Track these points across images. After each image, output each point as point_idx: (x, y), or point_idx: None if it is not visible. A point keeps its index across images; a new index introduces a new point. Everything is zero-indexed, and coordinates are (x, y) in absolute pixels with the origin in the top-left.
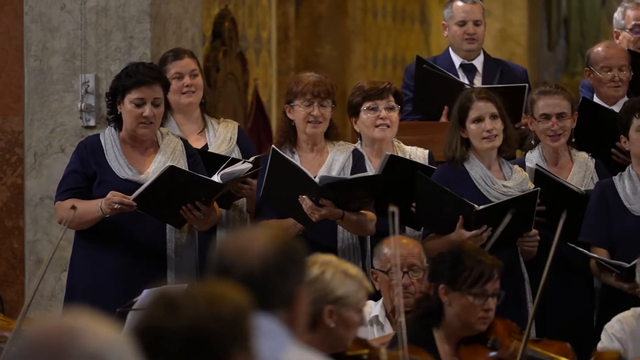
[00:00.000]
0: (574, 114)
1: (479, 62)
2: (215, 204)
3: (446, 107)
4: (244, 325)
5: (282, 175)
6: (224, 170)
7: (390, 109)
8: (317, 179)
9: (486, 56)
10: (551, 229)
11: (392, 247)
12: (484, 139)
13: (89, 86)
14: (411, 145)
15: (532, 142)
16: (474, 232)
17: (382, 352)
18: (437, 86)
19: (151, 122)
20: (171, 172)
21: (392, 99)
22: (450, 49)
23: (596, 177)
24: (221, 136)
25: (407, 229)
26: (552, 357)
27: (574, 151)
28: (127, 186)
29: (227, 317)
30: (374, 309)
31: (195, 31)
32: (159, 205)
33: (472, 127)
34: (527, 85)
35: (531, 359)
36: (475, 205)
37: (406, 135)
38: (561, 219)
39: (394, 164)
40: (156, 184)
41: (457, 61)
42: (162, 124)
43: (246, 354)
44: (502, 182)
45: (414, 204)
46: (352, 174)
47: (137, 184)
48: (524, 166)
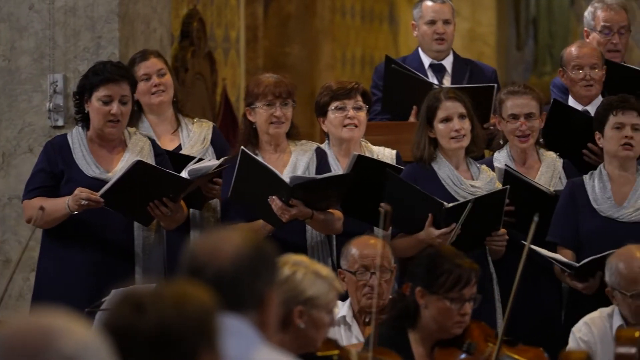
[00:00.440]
0: (542, 114)
1: (448, 62)
2: (183, 202)
3: (415, 107)
4: (210, 324)
5: (251, 176)
6: (191, 166)
7: (358, 109)
8: (288, 179)
9: (455, 56)
10: (520, 229)
11: (362, 249)
12: (452, 138)
13: (57, 86)
14: (379, 145)
15: (501, 142)
16: (442, 230)
17: (352, 354)
18: (405, 86)
19: (118, 121)
20: (139, 166)
21: (359, 98)
22: (419, 49)
23: (564, 177)
24: (195, 136)
25: (375, 228)
26: None
27: (542, 151)
28: (95, 184)
29: (194, 316)
30: (341, 309)
31: (163, 31)
32: (127, 201)
33: (440, 127)
34: (495, 85)
35: None
36: (444, 202)
37: (374, 135)
38: (533, 223)
39: (361, 164)
40: (124, 179)
41: (426, 61)
42: (135, 125)
43: (213, 353)
44: (470, 181)
45: (381, 204)
46: (317, 172)
47: (105, 182)
48: (491, 166)
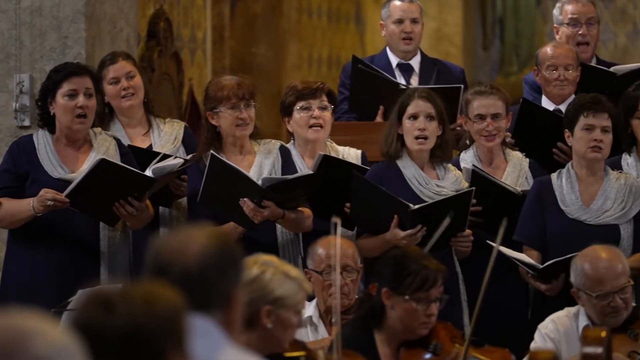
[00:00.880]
0: (508, 114)
1: (416, 62)
2: (149, 202)
3: (381, 107)
4: (178, 324)
5: (222, 180)
6: (155, 165)
7: (323, 109)
8: (256, 179)
9: (423, 56)
10: (486, 229)
11: (328, 249)
12: (415, 138)
13: (23, 86)
14: (345, 145)
15: (467, 142)
16: (408, 231)
17: (319, 355)
18: (372, 86)
19: (85, 115)
20: (103, 164)
21: (325, 98)
22: (387, 49)
23: (530, 177)
24: (166, 136)
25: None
26: None
27: (508, 151)
28: (60, 185)
29: (163, 315)
30: (307, 309)
31: (130, 31)
32: (92, 201)
33: (406, 124)
34: (462, 86)
35: None
36: (410, 204)
37: (341, 135)
38: (502, 226)
39: (327, 163)
40: (88, 177)
41: (394, 61)
42: (107, 127)
43: (181, 353)
44: (436, 181)
45: (347, 205)
46: (282, 170)
47: (70, 183)
48: (458, 166)
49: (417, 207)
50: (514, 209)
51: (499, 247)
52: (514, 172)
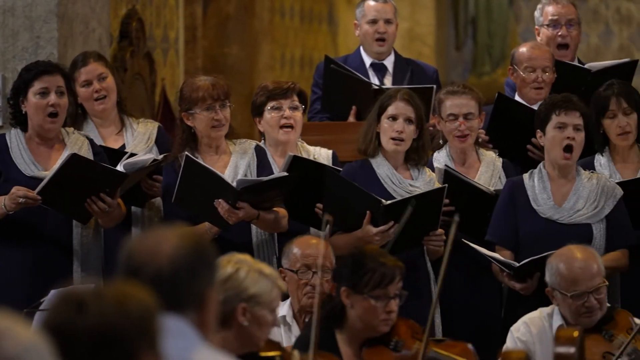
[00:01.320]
0: (481, 114)
1: (389, 62)
2: (120, 201)
3: (354, 107)
4: (152, 325)
5: (197, 181)
6: (126, 160)
7: (294, 109)
8: (230, 180)
9: (397, 56)
10: (459, 229)
11: (304, 248)
12: (392, 139)
13: None
14: (317, 145)
15: (440, 141)
16: (381, 228)
17: (295, 355)
18: (344, 86)
19: (57, 114)
20: (74, 160)
21: (296, 98)
22: (361, 48)
23: (504, 177)
24: (139, 136)
25: (311, 229)
26: (453, 359)
27: (482, 151)
28: (33, 183)
29: (136, 316)
30: (281, 309)
31: (102, 31)
32: (64, 198)
33: (384, 124)
34: (434, 86)
35: None
36: (382, 200)
37: (313, 135)
38: (454, 223)
39: (297, 164)
40: (59, 173)
41: (367, 60)
42: (80, 127)
43: (154, 354)
44: (409, 181)
45: (318, 205)
46: (258, 170)
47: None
48: (431, 166)
49: (389, 202)
50: (487, 208)
51: (477, 247)
52: (487, 171)
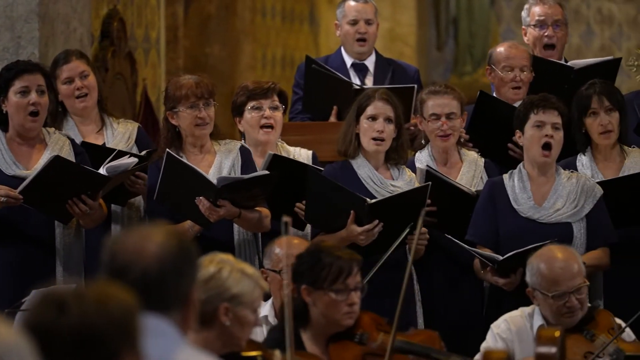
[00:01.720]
0: (463, 113)
1: (370, 62)
2: (102, 202)
3: (335, 107)
4: (133, 325)
5: (178, 179)
6: (109, 163)
7: (274, 109)
8: (214, 179)
9: (378, 56)
10: (441, 229)
11: (292, 248)
12: (372, 139)
13: None
14: (297, 145)
15: (422, 141)
16: (365, 227)
17: (276, 355)
18: (326, 86)
19: (38, 113)
20: (57, 162)
21: (276, 98)
22: (342, 49)
23: (485, 177)
24: (119, 135)
25: (291, 229)
26: (420, 346)
27: (464, 151)
28: (14, 183)
29: (117, 316)
30: (263, 308)
31: (83, 31)
32: (45, 198)
33: (364, 124)
34: (415, 86)
35: (401, 349)
36: (367, 199)
37: (293, 135)
38: (420, 217)
39: (277, 163)
40: (42, 175)
41: (348, 61)
42: (60, 125)
43: (135, 354)
44: (391, 181)
45: (297, 205)
46: (242, 170)
47: (24, 181)
48: (413, 166)
49: (373, 201)
50: (468, 209)
51: (460, 243)
52: (469, 171)
